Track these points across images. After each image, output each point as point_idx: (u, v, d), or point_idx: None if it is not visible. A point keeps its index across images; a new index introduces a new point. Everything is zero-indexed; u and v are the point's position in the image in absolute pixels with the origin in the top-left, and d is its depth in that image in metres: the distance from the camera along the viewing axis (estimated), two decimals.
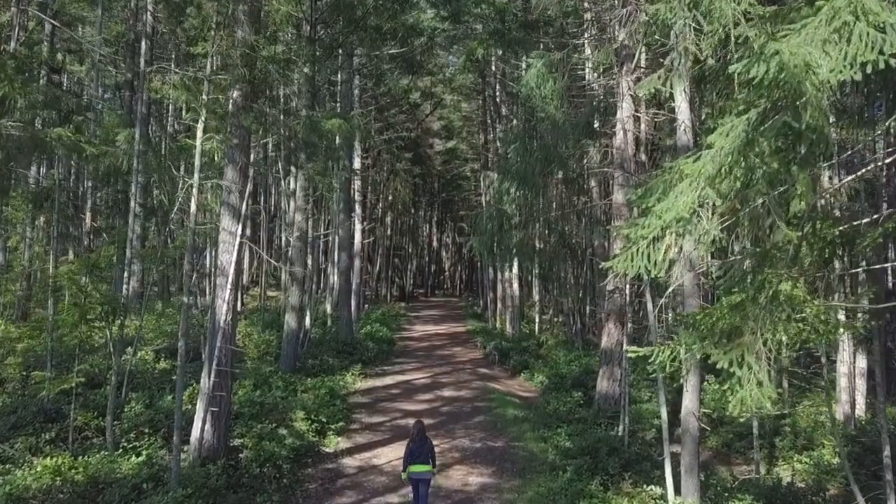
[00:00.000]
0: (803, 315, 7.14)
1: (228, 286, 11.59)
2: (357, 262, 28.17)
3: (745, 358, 6.06)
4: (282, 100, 24.32)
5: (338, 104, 22.14)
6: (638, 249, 7.79)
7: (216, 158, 12.03)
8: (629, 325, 14.50)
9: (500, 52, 27.25)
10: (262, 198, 34.34)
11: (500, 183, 11.16)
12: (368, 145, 31.45)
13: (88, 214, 19.35)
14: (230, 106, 11.36)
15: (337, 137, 14.39)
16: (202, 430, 11.24)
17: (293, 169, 18.09)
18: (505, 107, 28.85)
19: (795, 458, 14.26)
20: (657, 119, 15.32)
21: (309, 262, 24.72)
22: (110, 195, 23.14)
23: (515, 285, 26.92)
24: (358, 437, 14.01)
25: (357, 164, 26.69)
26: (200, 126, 10.58)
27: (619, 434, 13.69)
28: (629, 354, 8.66)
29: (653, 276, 7.78)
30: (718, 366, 6.41)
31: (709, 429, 11.93)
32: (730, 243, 7.94)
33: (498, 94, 29.36)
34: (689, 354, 8.46)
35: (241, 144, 11.76)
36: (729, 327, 6.83)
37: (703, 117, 13.27)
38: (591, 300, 26.06)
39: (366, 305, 35.61)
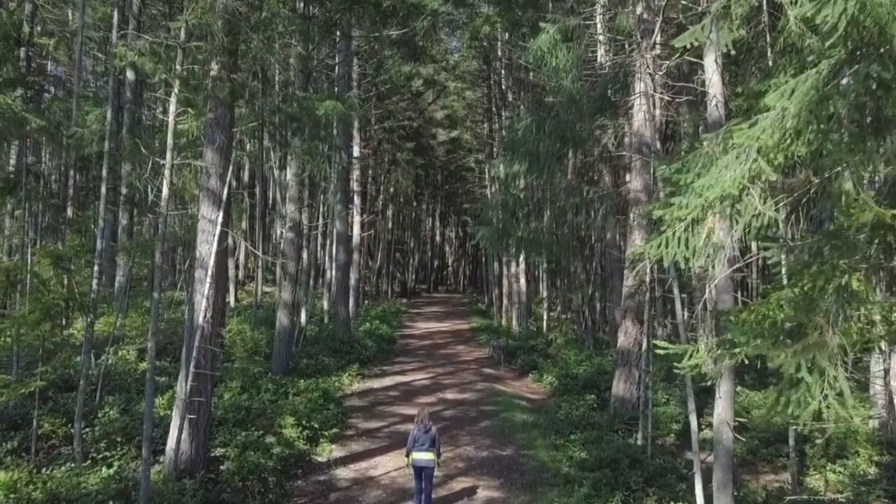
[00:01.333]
0: (867, 312, 6.02)
1: (208, 279, 10.45)
2: (356, 257, 27.00)
3: (817, 361, 4.88)
4: (277, 86, 23.16)
5: (335, 89, 20.95)
6: (674, 233, 6.65)
7: (199, 137, 10.86)
8: (647, 322, 13.31)
9: (506, 36, 26.05)
10: (258, 189, 33.16)
11: (508, 166, 9.98)
12: (368, 134, 30.26)
13: (70, 204, 18.26)
14: (209, 79, 10.20)
15: (333, 121, 13.18)
16: (178, 439, 10.10)
17: (289, 158, 16.93)
18: (511, 93, 27.61)
19: (828, 468, 13.12)
20: (678, 100, 14.12)
21: (305, 255, 23.59)
22: (90, 182, 22.10)
23: (522, 280, 25.71)
24: (353, 444, 12.89)
25: (356, 151, 25.49)
26: (173, 100, 9.43)
27: (639, 442, 12.55)
28: (658, 351, 7.52)
29: (692, 264, 6.65)
30: (782, 370, 5.27)
31: (744, 439, 10.78)
32: (790, 226, 6.80)
33: (504, 80, 28.14)
34: (728, 356, 7.35)
35: (221, 122, 10.59)
36: (791, 324, 5.66)
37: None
38: (603, 296, 24.85)
39: (365, 302, 34.45)
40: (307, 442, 12.23)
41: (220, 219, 10.57)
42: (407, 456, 9.70)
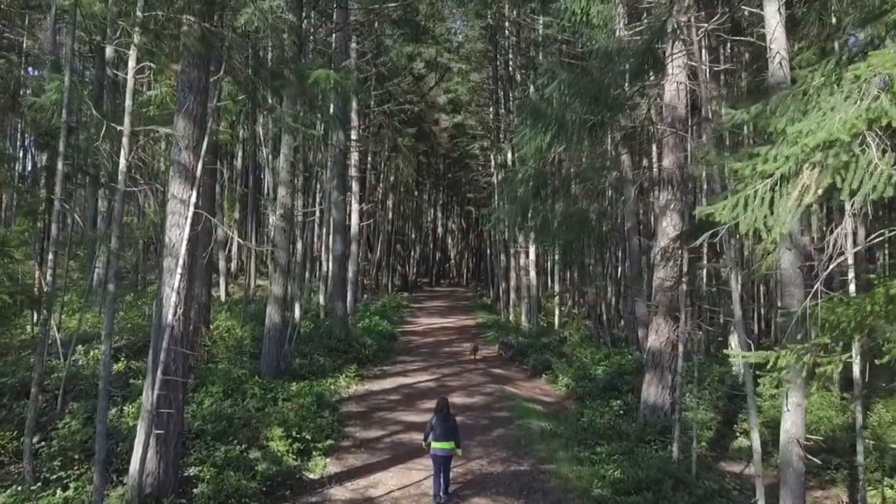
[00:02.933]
0: None
1: (178, 270, 8.87)
2: (354, 248, 25.37)
3: None
4: (269, 63, 21.56)
5: (331, 63, 19.33)
6: (755, 193, 5.13)
7: (169, 102, 9.30)
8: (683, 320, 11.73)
9: (514, 14, 24.42)
10: (251, 177, 31.59)
11: (530, 136, 8.39)
12: (369, 119, 28.61)
13: (44, 187, 16.67)
14: (182, 36, 8.60)
15: (328, 89, 11.57)
16: (143, 458, 8.54)
17: (274, 129, 15.30)
18: (520, 74, 25.92)
19: (885, 482, 11.64)
20: (716, 69, 12.53)
21: (299, 246, 22.02)
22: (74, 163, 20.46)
23: (532, 273, 24.10)
24: (351, 457, 11.34)
25: (354, 134, 23.81)
26: (132, 54, 7.85)
27: (674, 455, 11.02)
28: (742, 360, 6.01)
29: (781, 231, 5.15)
30: None
31: (818, 461, 9.20)
32: None
33: (511, 61, 26.46)
34: (807, 363, 5.90)
35: (195, 86, 9.02)
36: None
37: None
38: (617, 290, 23.30)
39: (364, 296, 32.83)
40: (297, 456, 10.68)
41: (192, 198, 9.01)
42: (426, 444, 9.60)
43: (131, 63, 7.83)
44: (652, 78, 14.77)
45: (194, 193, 9.05)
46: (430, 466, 10.63)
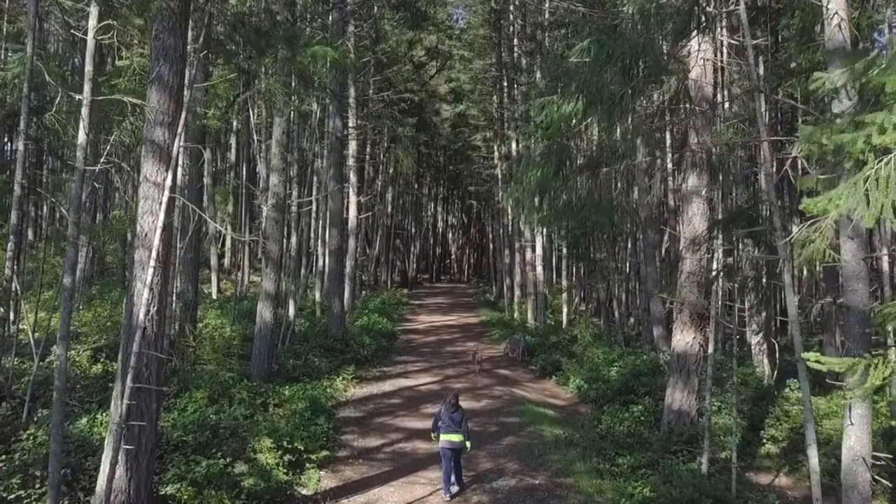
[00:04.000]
0: None
1: (152, 263, 7.78)
2: (352, 242, 24.26)
3: None
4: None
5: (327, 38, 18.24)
6: (876, 173, 4.13)
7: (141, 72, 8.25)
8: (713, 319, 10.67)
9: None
10: (246, 170, 30.48)
11: (557, 104, 7.30)
12: (367, 110, 27.52)
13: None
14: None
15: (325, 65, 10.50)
16: (111, 476, 7.45)
17: (275, 124, 14.21)
18: (526, 59, 24.77)
19: None
20: (745, 42, 11.43)
21: (294, 240, 20.95)
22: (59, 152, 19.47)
23: (539, 268, 23.02)
24: (348, 470, 10.30)
25: (351, 122, 22.66)
26: (94, 12, 6.77)
27: (703, 467, 9.99)
28: (812, 364, 4.97)
29: None
30: None
31: (887, 482, 8.13)
32: None
33: (517, 47, 25.32)
34: None
35: (171, 54, 7.96)
36: None
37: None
38: (629, 285, 22.26)
39: (363, 292, 31.75)
40: (289, 469, 9.63)
41: (167, 181, 7.93)
42: (434, 435, 9.38)
43: (92, 21, 6.76)
44: (669, 65, 13.73)
45: (170, 175, 7.97)
46: (434, 480, 9.67)
